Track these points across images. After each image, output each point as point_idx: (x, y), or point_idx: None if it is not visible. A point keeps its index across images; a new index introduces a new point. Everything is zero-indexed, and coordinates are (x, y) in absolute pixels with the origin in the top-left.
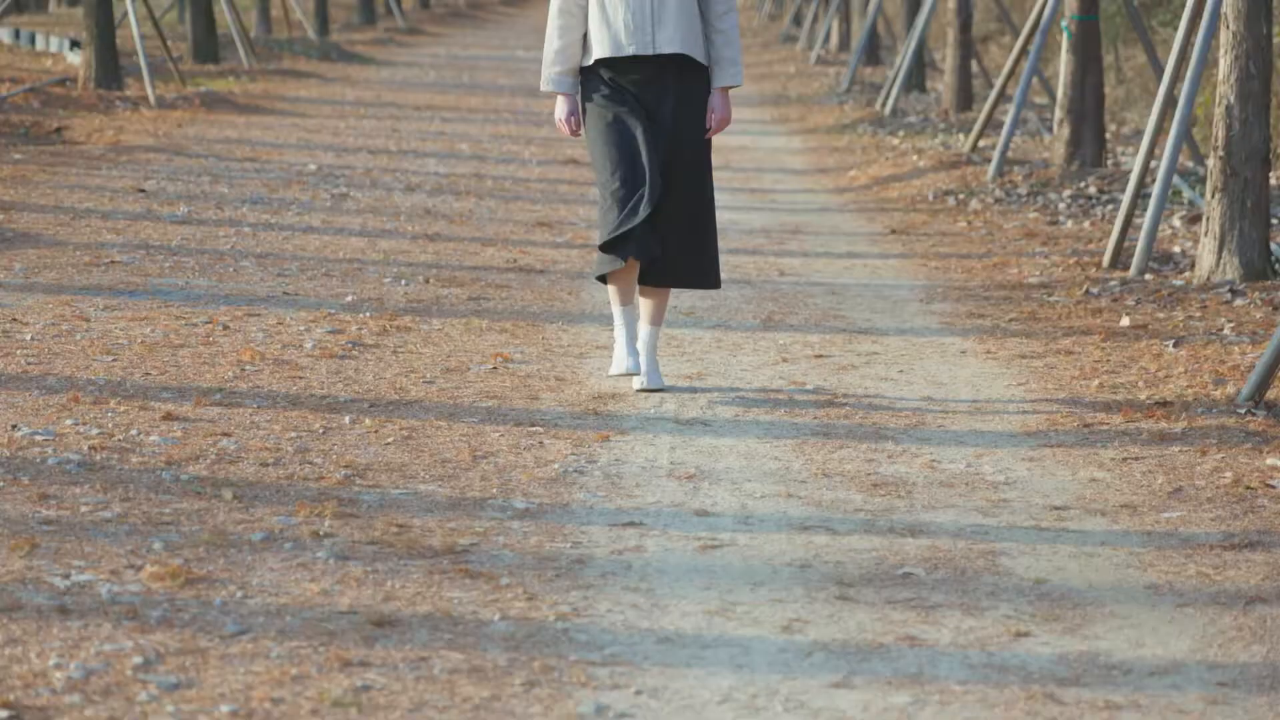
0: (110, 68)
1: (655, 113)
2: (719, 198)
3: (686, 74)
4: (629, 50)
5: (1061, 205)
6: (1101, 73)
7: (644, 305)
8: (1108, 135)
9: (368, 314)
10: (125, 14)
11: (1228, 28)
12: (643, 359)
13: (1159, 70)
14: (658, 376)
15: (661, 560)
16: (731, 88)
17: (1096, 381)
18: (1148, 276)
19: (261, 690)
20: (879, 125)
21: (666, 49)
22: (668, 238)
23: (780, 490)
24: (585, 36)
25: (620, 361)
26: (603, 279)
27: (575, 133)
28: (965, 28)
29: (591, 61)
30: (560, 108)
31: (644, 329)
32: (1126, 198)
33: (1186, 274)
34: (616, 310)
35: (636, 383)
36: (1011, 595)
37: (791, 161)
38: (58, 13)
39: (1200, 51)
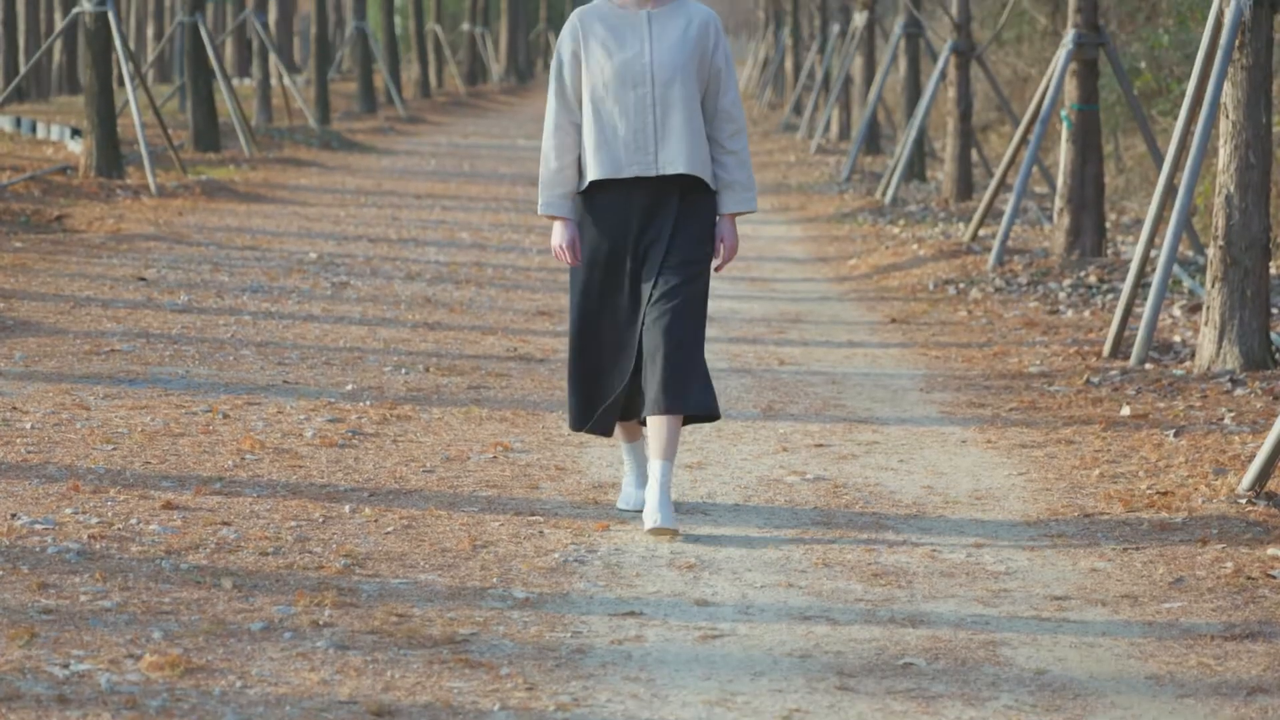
0: (111, 156)
1: (654, 241)
2: (718, 286)
3: (691, 195)
4: (629, 171)
5: (1062, 294)
6: (1101, 162)
7: (652, 436)
8: (1108, 224)
9: (368, 402)
10: (126, 102)
11: (1227, 117)
12: (653, 495)
13: (1159, 159)
14: (670, 514)
15: (661, 650)
16: (742, 214)
17: (1097, 471)
18: (1148, 366)
19: None
20: (879, 214)
21: (670, 169)
22: (653, 361)
23: (780, 580)
24: (581, 156)
25: (630, 496)
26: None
27: (575, 261)
28: (965, 117)
29: (587, 184)
30: (558, 234)
31: (653, 464)
32: (1127, 287)
33: (1187, 363)
34: (622, 445)
35: (648, 521)
36: (1012, 686)
37: (792, 250)
38: (59, 101)
39: (1200, 141)
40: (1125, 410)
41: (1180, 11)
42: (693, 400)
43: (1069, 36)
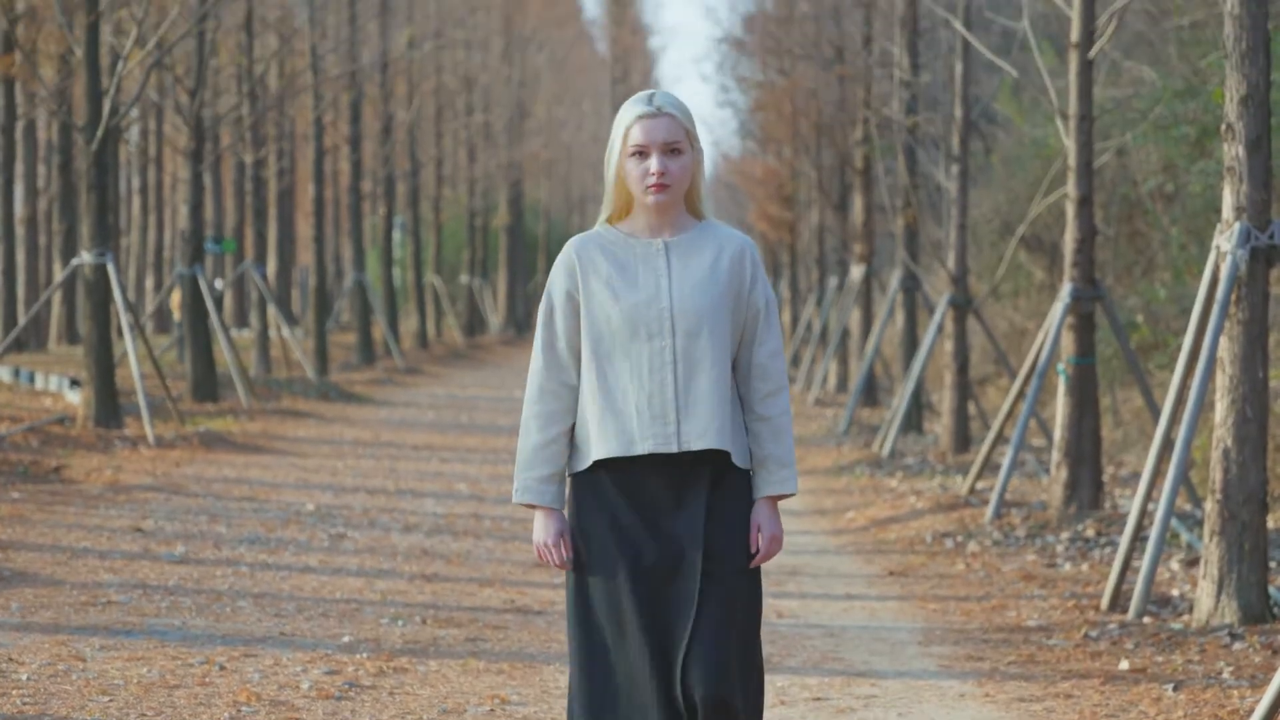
0: (109, 406)
1: (680, 541)
2: None
3: (722, 475)
4: (644, 447)
5: (1059, 548)
6: (1098, 415)
7: None
8: (1105, 477)
9: (365, 655)
10: (125, 353)
11: (1224, 371)
12: None
13: (1156, 413)
14: None
15: None
16: (783, 497)
17: None
18: (1146, 619)
19: None
20: (877, 466)
21: (696, 444)
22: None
23: None
24: (574, 429)
25: None
26: None
27: (563, 564)
28: (962, 370)
29: (589, 464)
30: (541, 528)
31: None
32: (1124, 540)
33: (1185, 617)
34: None
35: None
36: None
37: (789, 503)
38: (57, 351)
39: (1197, 394)
40: (1124, 664)
41: (1177, 266)
42: None
43: (1066, 290)
